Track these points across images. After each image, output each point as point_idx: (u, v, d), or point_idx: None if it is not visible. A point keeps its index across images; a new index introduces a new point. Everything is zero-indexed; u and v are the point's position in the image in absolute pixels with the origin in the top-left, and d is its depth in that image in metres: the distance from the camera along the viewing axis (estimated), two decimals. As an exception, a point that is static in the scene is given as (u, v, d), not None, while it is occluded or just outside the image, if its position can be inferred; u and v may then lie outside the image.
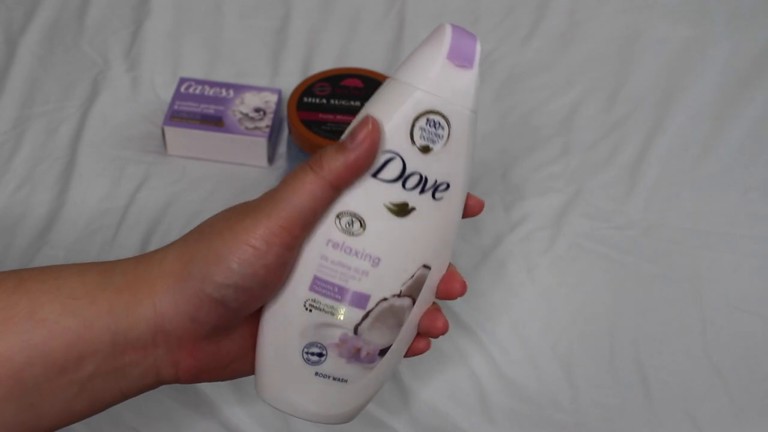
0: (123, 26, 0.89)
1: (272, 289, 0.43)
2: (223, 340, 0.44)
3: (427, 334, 0.47)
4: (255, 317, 0.45)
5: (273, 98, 0.80)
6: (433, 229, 0.44)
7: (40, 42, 0.88)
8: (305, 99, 0.73)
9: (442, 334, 0.46)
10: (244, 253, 0.41)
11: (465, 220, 0.47)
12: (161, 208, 0.75)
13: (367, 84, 0.75)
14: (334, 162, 0.41)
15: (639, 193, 0.77)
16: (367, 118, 0.41)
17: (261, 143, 0.77)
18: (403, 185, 0.42)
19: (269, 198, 0.42)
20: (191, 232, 0.43)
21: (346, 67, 0.78)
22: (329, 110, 0.73)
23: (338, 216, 0.42)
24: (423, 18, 0.91)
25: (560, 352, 0.67)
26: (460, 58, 0.42)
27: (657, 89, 0.85)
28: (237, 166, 0.79)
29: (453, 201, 0.44)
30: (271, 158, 0.79)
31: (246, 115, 0.78)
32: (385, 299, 0.44)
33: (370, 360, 0.45)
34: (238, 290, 0.41)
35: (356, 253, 0.43)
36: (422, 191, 0.43)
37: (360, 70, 0.76)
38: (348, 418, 0.47)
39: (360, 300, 0.43)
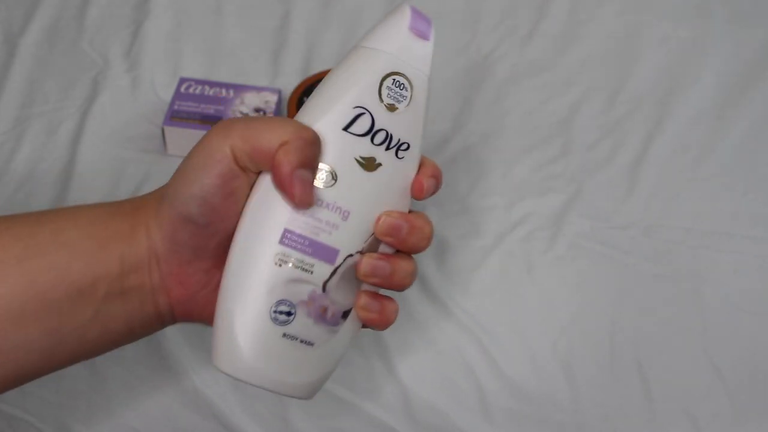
0: (123, 26, 0.89)
1: (236, 207, 0.44)
2: (213, 271, 0.46)
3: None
4: None
5: (273, 98, 0.80)
6: (395, 188, 0.46)
7: (39, 42, 0.88)
8: (305, 98, 0.73)
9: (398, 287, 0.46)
10: (202, 162, 0.43)
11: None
12: (161, 208, 0.75)
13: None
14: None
15: (639, 193, 0.77)
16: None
17: (261, 143, 0.77)
18: (372, 140, 0.44)
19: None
20: None
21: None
22: None
23: None
24: (423, 18, 0.91)
25: (560, 352, 0.67)
26: (420, 30, 0.46)
27: (657, 89, 0.85)
28: (237, 166, 0.79)
29: (412, 161, 0.46)
30: (271, 158, 0.79)
31: (246, 115, 0.78)
32: (350, 255, 0.44)
33: (334, 322, 0.45)
34: (201, 203, 0.43)
35: (327, 206, 0.43)
36: (388, 148, 0.45)
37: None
38: (310, 390, 0.45)
39: (329, 254, 0.44)
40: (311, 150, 0.43)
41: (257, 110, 0.79)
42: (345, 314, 0.45)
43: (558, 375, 0.66)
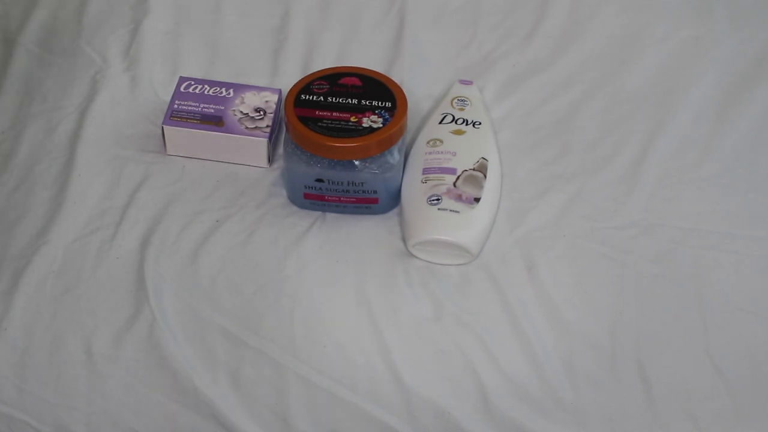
0: (122, 25, 0.89)
1: None
2: None
3: None
4: None
5: (273, 98, 0.79)
6: (477, 140, 0.78)
7: (38, 41, 0.88)
8: (302, 96, 0.73)
9: None
10: None
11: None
12: (161, 208, 0.75)
13: (365, 82, 0.75)
14: None
15: (639, 193, 0.77)
16: None
17: (261, 143, 0.77)
18: (456, 123, 0.79)
19: None
20: None
21: (344, 66, 0.79)
22: (326, 108, 0.73)
23: (427, 142, 0.77)
24: (423, 18, 0.91)
25: (560, 352, 0.67)
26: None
27: (657, 89, 0.85)
28: (237, 166, 0.78)
29: (485, 130, 0.79)
30: (271, 158, 0.79)
31: (246, 115, 0.78)
32: (465, 170, 0.74)
33: (469, 202, 0.72)
34: None
35: (442, 152, 0.76)
36: (467, 124, 0.79)
37: (358, 69, 0.76)
38: (470, 241, 0.71)
39: (450, 171, 0.74)
40: None
41: (257, 110, 0.78)
42: (477, 199, 0.73)
43: (559, 375, 0.66)
